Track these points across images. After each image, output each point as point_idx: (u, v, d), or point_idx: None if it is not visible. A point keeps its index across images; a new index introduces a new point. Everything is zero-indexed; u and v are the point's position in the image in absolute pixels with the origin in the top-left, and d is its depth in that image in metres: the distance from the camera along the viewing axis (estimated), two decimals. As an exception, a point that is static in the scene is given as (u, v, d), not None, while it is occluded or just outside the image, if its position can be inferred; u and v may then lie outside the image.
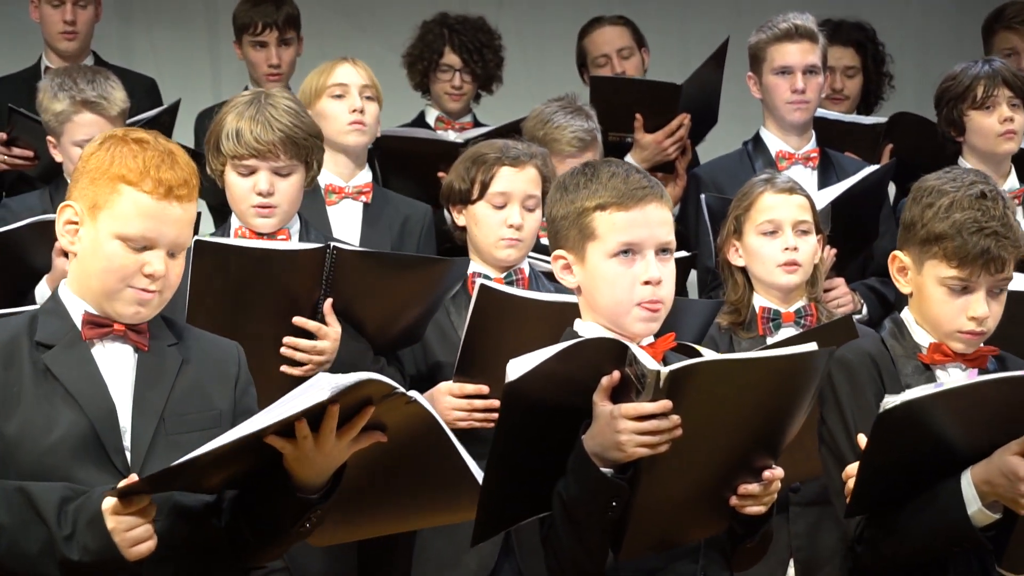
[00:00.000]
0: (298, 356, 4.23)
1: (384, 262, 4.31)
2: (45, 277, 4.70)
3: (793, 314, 4.54)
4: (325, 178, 5.10)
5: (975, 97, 5.28)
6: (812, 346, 3.08)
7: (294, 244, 4.29)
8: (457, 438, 3.19)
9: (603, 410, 3.04)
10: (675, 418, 2.98)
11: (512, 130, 5.21)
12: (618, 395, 3.05)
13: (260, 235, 4.43)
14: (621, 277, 3.26)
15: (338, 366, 4.17)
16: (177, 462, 2.98)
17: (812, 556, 4.44)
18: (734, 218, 4.59)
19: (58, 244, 4.58)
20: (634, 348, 3.03)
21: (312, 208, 4.96)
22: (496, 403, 4.18)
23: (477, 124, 6.25)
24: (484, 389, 4.27)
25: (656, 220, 3.27)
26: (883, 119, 5.95)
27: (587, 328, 3.31)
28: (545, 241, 4.99)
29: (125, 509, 3.01)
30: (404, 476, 3.22)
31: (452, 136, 6.10)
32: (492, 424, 4.17)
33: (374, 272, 4.25)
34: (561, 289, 4.49)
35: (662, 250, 3.27)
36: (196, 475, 3.06)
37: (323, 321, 4.24)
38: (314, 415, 2.97)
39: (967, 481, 3.26)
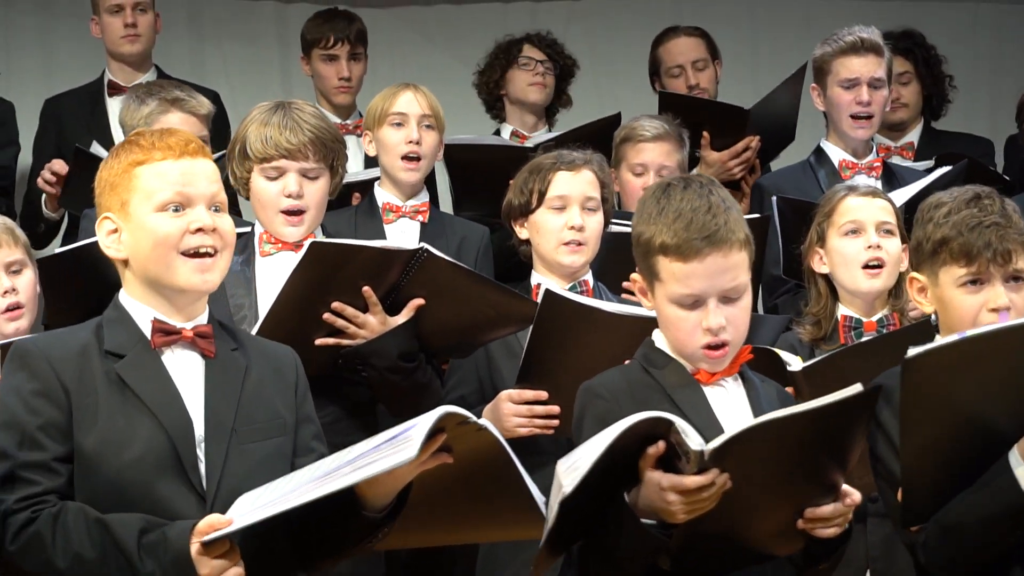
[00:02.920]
0: (339, 323, 4.20)
1: (465, 278, 4.27)
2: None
3: (875, 323, 4.50)
4: (383, 197, 5.13)
5: None
6: (856, 388, 3.08)
7: (395, 244, 4.26)
8: (516, 447, 3.20)
9: (651, 477, 3.06)
10: (723, 479, 3.00)
11: (581, 135, 5.20)
12: (664, 458, 3.06)
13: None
14: (683, 322, 3.31)
15: (377, 354, 4.20)
16: (268, 515, 2.98)
17: (888, 568, 4.37)
18: (817, 225, 4.57)
19: None
20: (679, 423, 3.02)
21: (369, 226, 4.99)
22: (556, 409, 4.21)
23: (551, 139, 6.26)
24: (543, 395, 4.22)
25: (716, 270, 3.28)
26: (930, 163, 5.89)
27: (662, 340, 3.39)
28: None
29: (214, 552, 3.03)
30: (467, 496, 3.23)
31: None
32: (552, 431, 4.20)
33: (451, 283, 4.23)
34: (625, 301, 4.51)
35: (727, 296, 3.30)
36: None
37: (396, 310, 4.25)
38: None
39: (1015, 458, 3.20)
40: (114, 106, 5.97)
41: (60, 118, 6.15)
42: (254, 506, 3.05)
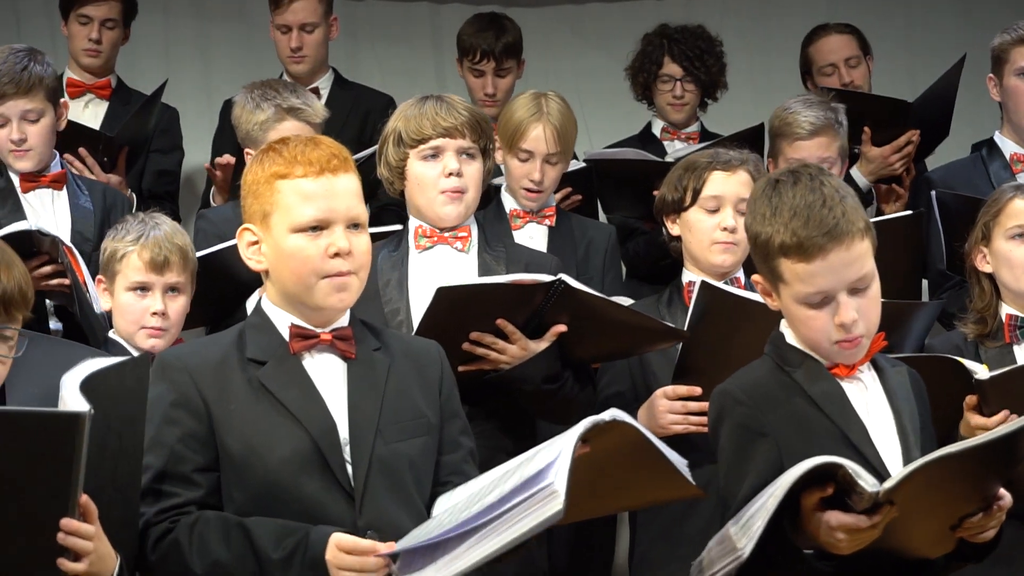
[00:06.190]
0: (479, 351, 4.20)
1: (603, 307, 4.24)
2: (257, 291, 4.77)
3: (1041, 322, 4.46)
4: (509, 203, 5.20)
5: None
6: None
7: (530, 276, 4.21)
8: (671, 447, 3.17)
9: (818, 518, 3.06)
10: (892, 513, 3.01)
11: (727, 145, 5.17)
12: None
13: (443, 230, 4.44)
14: (814, 320, 3.27)
15: (522, 380, 4.23)
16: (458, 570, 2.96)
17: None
18: (983, 224, 4.52)
19: None
20: (849, 466, 3.01)
21: (498, 230, 4.99)
22: (709, 406, 4.20)
23: (704, 133, 6.24)
24: (696, 391, 4.21)
25: (841, 264, 3.22)
26: None
27: (792, 336, 3.35)
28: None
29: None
30: (613, 482, 3.20)
31: (678, 145, 6.13)
32: (706, 428, 4.17)
33: (591, 310, 4.22)
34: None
35: (855, 287, 3.25)
36: None
37: (540, 333, 4.25)
38: None
39: None
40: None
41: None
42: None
